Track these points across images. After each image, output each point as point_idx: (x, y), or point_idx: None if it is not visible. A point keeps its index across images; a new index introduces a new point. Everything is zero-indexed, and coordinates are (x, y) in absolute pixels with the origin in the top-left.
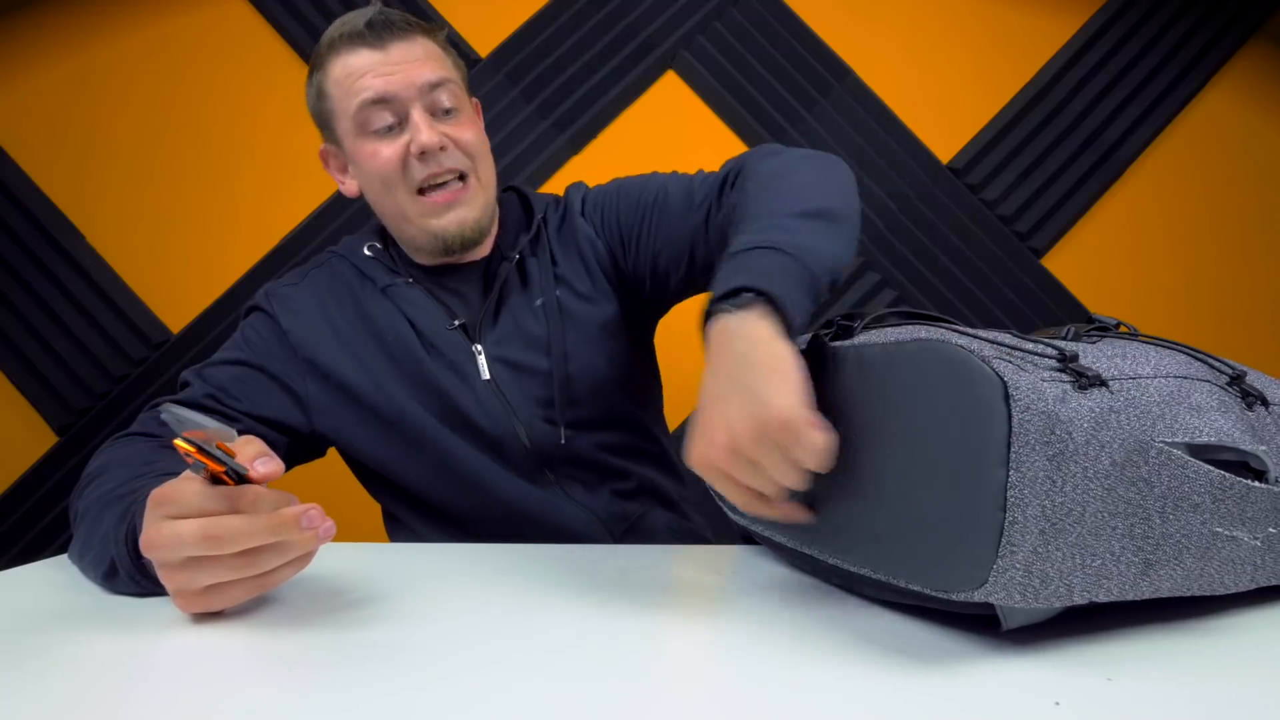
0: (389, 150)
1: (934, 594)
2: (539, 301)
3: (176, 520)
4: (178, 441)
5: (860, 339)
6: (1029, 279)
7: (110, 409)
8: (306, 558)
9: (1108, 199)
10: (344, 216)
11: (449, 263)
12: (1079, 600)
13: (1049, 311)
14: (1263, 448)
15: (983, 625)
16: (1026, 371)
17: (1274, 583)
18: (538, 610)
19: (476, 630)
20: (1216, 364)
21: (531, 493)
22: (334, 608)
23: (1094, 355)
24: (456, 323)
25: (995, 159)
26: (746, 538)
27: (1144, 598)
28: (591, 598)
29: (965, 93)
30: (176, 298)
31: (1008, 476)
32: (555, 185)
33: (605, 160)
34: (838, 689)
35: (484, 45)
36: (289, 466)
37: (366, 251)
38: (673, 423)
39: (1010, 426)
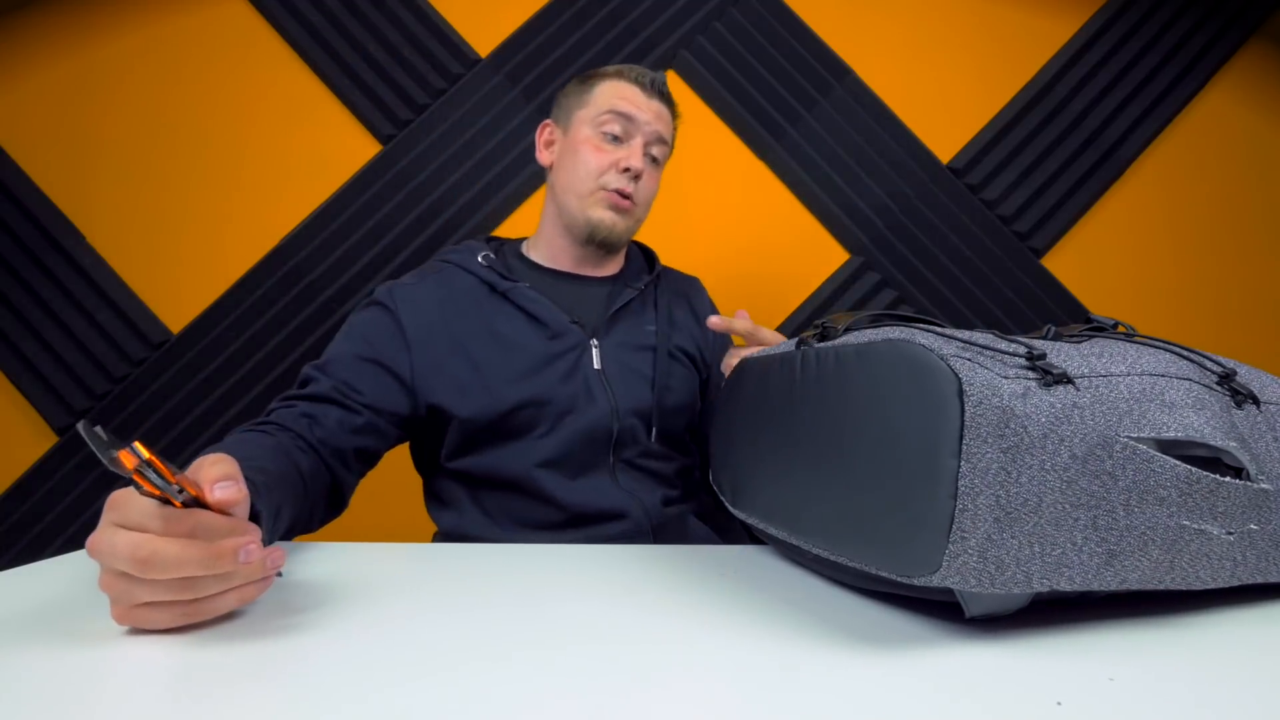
0: (605, 155)
1: (898, 579)
2: (651, 326)
3: (118, 529)
4: (121, 454)
5: (840, 340)
6: (1029, 279)
7: (110, 409)
8: (255, 589)
9: (1108, 199)
10: (344, 217)
11: (579, 274)
12: (1039, 587)
13: (1049, 311)
14: (1233, 443)
15: (957, 614)
16: (987, 369)
17: (1259, 580)
18: (536, 609)
19: (476, 630)
20: (1207, 363)
21: (591, 478)
22: (333, 607)
23: (1068, 354)
24: (576, 319)
25: (995, 159)
26: (752, 537)
27: (1111, 588)
28: (591, 597)
29: (965, 93)
30: (176, 298)
31: (959, 467)
32: None
33: None
34: (838, 689)
35: (484, 45)
36: (392, 445)
37: (480, 260)
38: None
39: (963, 420)
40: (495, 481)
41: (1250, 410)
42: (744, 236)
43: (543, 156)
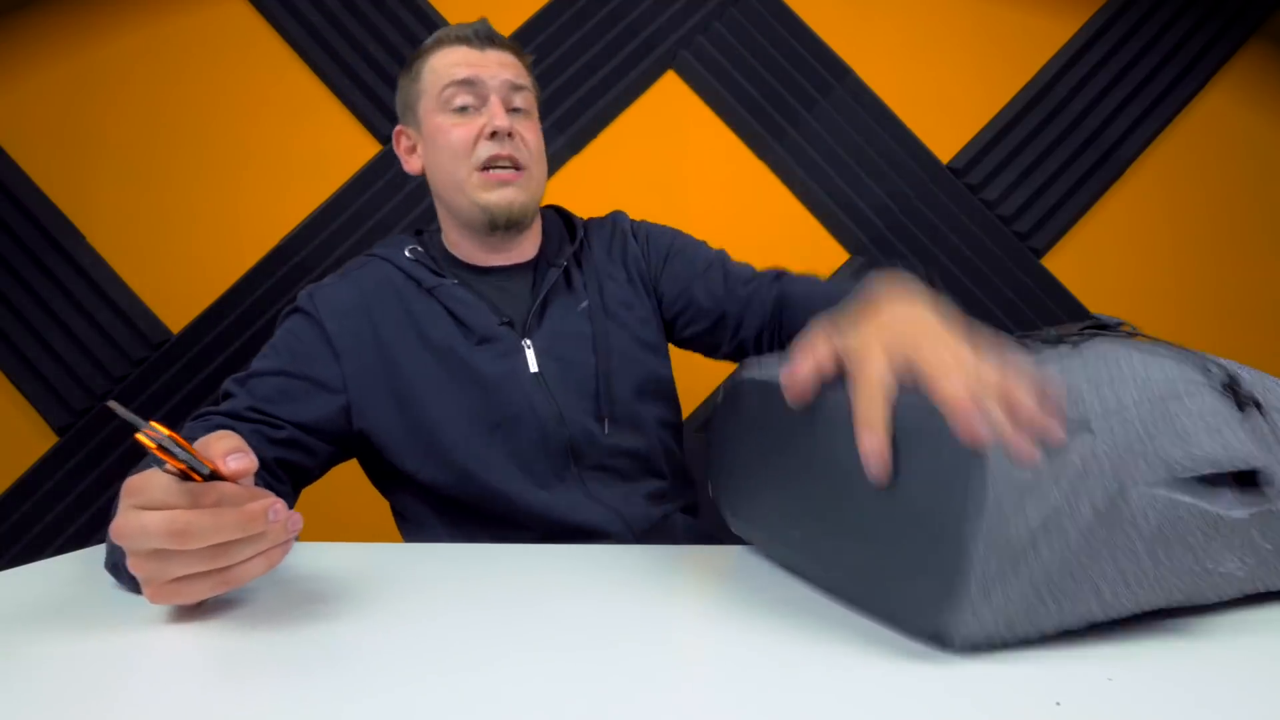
0: (463, 129)
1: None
2: (584, 304)
3: (143, 511)
4: (139, 436)
5: None
6: (1029, 279)
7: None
8: (279, 552)
9: (1108, 199)
10: (344, 217)
11: (495, 265)
12: (1050, 632)
13: (1049, 311)
14: (1257, 458)
15: None
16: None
17: (1262, 589)
18: (535, 610)
19: (476, 630)
20: (1211, 368)
21: (561, 491)
22: (332, 607)
23: (1076, 382)
24: (504, 319)
25: (995, 159)
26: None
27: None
28: (590, 597)
29: (965, 93)
30: (176, 298)
31: (980, 531)
32: (556, 185)
33: (605, 160)
34: (836, 689)
35: None
36: (325, 469)
37: (407, 254)
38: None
39: (986, 490)
40: (460, 502)
41: (1253, 414)
42: (744, 236)
43: (412, 165)
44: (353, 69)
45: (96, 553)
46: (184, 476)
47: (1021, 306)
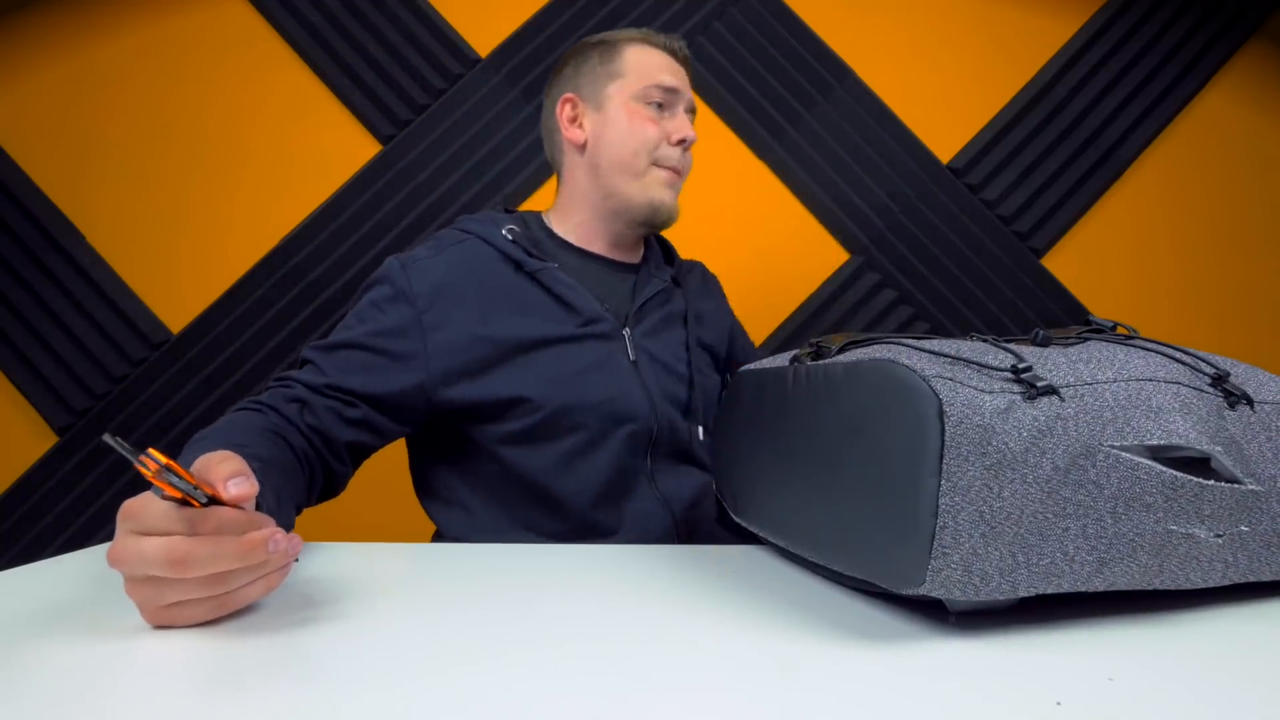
0: (656, 126)
1: (886, 589)
2: (682, 318)
3: (141, 537)
4: (138, 466)
5: (832, 359)
6: (1029, 279)
7: (110, 409)
8: (279, 576)
9: (1108, 199)
10: (344, 217)
11: (607, 256)
12: (1026, 594)
13: (1049, 311)
14: (1218, 448)
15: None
16: (970, 386)
17: (1252, 579)
18: (535, 609)
19: (476, 630)
20: (1202, 365)
21: (630, 480)
22: (332, 608)
23: (1056, 362)
24: (607, 306)
25: (995, 159)
26: (755, 537)
27: (1099, 589)
28: (590, 597)
29: (965, 93)
30: (176, 298)
31: (940, 485)
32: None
33: None
34: (838, 690)
35: (484, 45)
36: (389, 439)
37: (506, 234)
38: None
39: (943, 440)
40: (509, 482)
41: (1244, 411)
42: (744, 236)
43: (574, 134)
44: (353, 69)
45: (96, 553)
46: (183, 502)
47: (1021, 306)
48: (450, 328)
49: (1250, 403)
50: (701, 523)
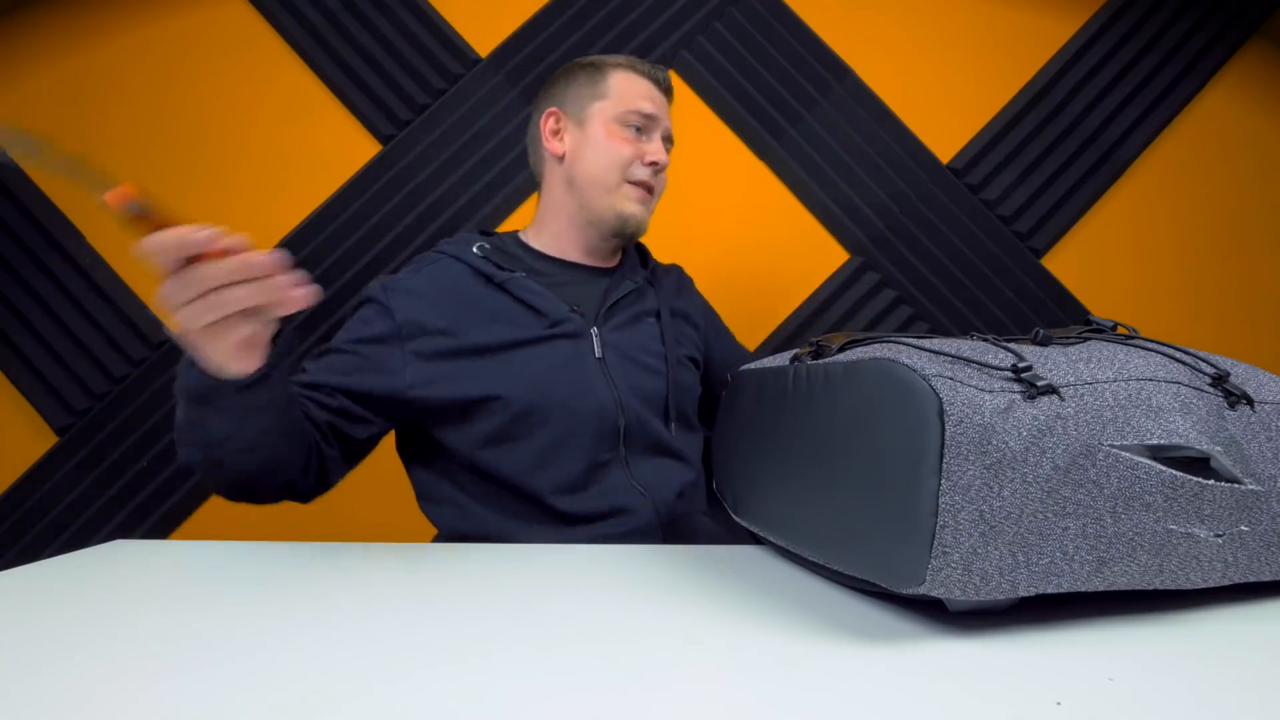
0: (631, 147)
1: (886, 589)
2: (653, 317)
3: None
4: (124, 188)
5: (832, 358)
6: (1029, 279)
7: (110, 409)
8: (278, 294)
9: (1108, 199)
10: (344, 217)
11: (582, 263)
12: (1026, 594)
13: (1049, 311)
14: (1218, 448)
15: (956, 613)
16: (970, 386)
17: (1252, 579)
18: (536, 609)
19: (476, 630)
20: (1202, 365)
21: (605, 474)
22: (333, 607)
23: (1056, 361)
24: (574, 307)
25: (995, 159)
26: (755, 537)
27: (1099, 589)
28: (590, 597)
29: (965, 93)
30: None
31: (940, 485)
32: None
33: None
34: (838, 690)
35: (484, 45)
36: (373, 444)
37: (475, 251)
38: None
39: (943, 439)
40: (491, 481)
41: (1244, 411)
42: (744, 236)
43: (554, 146)
44: (353, 69)
45: (97, 553)
46: (156, 228)
47: (1021, 306)
48: (425, 337)
49: (1250, 403)
50: (688, 515)
